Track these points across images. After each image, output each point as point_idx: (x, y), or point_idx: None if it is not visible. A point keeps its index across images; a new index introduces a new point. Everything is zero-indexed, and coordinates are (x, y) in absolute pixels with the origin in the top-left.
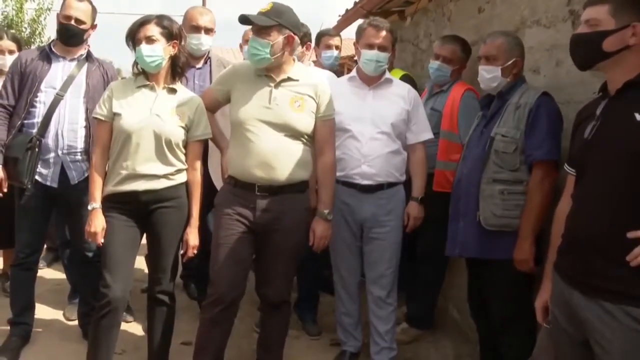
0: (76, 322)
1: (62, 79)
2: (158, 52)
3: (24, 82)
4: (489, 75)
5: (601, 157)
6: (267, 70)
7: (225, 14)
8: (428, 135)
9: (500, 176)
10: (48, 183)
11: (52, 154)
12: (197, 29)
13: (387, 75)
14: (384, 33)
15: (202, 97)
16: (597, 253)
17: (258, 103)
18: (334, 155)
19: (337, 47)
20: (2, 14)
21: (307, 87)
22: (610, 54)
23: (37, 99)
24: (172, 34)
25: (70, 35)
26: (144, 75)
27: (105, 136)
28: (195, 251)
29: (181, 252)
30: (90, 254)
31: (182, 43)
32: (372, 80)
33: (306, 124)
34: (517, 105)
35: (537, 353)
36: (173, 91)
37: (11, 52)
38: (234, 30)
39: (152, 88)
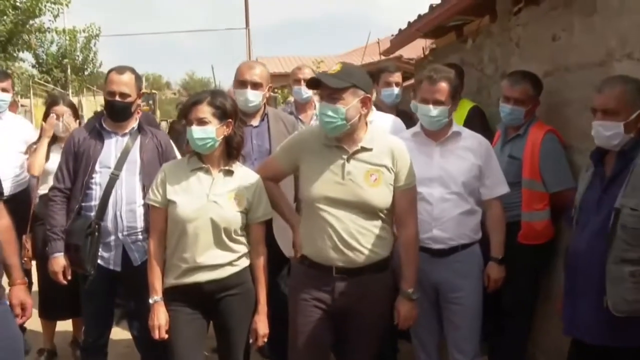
0: None
1: (115, 157)
2: (210, 133)
3: (78, 163)
4: (609, 133)
5: None
6: (337, 140)
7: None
8: (503, 189)
9: (630, 255)
10: (111, 267)
11: (113, 237)
12: (243, 83)
13: (455, 127)
14: (439, 86)
15: (264, 166)
16: None
17: (330, 179)
18: (417, 226)
19: (398, 84)
20: (56, 45)
21: (383, 156)
22: None
23: (93, 180)
24: (225, 113)
25: (117, 111)
26: (197, 156)
27: (161, 223)
28: (265, 339)
29: (250, 341)
30: None
31: (237, 122)
32: (438, 135)
33: (384, 200)
34: None
35: None
36: (229, 173)
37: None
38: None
39: (207, 171)
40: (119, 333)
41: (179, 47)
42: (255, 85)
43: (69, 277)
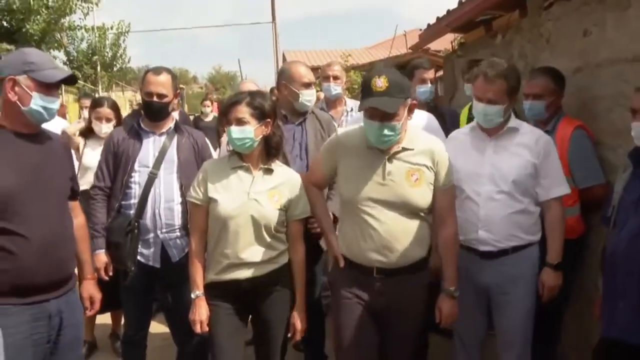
0: None
1: (153, 156)
2: (248, 134)
3: (117, 162)
4: None
5: None
6: None
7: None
8: (562, 190)
9: None
10: (150, 263)
11: (152, 234)
12: (309, 85)
13: (513, 123)
14: (494, 85)
15: (309, 173)
16: None
17: (371, 179)
18: (456, 225)
19: (432, 81)
20: (86, 42)
21: (423, 156)
22: None
23: (132, 180)
24: (264, 114)
25: (155, 111)
26: (237, 155)
27: (202, 220)
28: (303, 334)
29: (289, 335)
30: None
31: (276, 121)
32: (494, 130)
33: (425, 199)
34: None
35: None
36: (269, 171)
37: (108, 120)
38: None
39: (247, 169)
40: (156, 327)
41: (205, 42)
42: (312, 85)
43: (110, 274)
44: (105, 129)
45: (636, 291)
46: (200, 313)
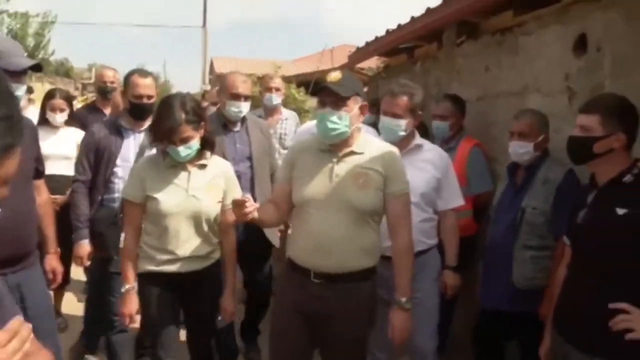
0: None
1: (134, 152)
2: (194, 146)
3: (99, 158)
4: (522, 151)
5: (590, 242)
6: (330, 144)
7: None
8: (459, 202)
9: (530, 243)
10: None
11: None
12: (237, 96)
13: (417, 140)
14: (398, 100)
15: (273, 192)
16: (586, 320)
17: (318, 180)
18: (410, 234)
19: None
20: (7, 28)
21: (373, 161)
22: (599, 155)
23: (115, 174)
24: (199, 120)
25: (145, 111)
26: None
27: (138, 218)
28: (233, 317)
29: (219, 319)
30: None
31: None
32: (400, 147)
33: (372, 203)
34: (545, 179)
35: None
36: (203, 167)
37: (62, 110)
38: None
39: (183, 167)
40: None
41: (129, 39)
42: (247, 98)
43: (87, 263)
44: (59, 119)
45: (506, 272)
46: (131, 306)
